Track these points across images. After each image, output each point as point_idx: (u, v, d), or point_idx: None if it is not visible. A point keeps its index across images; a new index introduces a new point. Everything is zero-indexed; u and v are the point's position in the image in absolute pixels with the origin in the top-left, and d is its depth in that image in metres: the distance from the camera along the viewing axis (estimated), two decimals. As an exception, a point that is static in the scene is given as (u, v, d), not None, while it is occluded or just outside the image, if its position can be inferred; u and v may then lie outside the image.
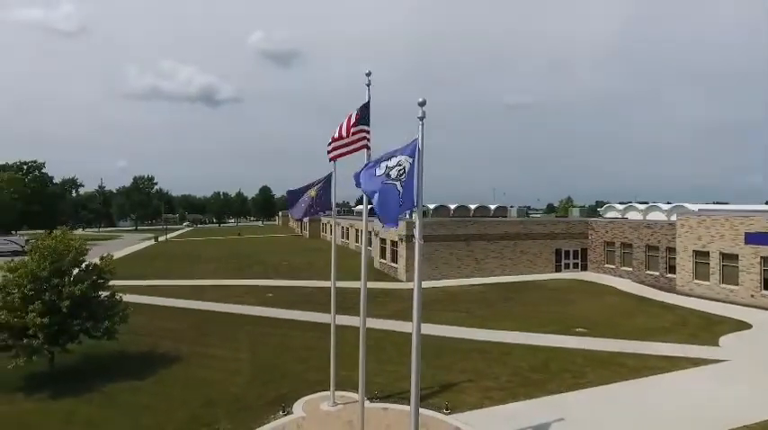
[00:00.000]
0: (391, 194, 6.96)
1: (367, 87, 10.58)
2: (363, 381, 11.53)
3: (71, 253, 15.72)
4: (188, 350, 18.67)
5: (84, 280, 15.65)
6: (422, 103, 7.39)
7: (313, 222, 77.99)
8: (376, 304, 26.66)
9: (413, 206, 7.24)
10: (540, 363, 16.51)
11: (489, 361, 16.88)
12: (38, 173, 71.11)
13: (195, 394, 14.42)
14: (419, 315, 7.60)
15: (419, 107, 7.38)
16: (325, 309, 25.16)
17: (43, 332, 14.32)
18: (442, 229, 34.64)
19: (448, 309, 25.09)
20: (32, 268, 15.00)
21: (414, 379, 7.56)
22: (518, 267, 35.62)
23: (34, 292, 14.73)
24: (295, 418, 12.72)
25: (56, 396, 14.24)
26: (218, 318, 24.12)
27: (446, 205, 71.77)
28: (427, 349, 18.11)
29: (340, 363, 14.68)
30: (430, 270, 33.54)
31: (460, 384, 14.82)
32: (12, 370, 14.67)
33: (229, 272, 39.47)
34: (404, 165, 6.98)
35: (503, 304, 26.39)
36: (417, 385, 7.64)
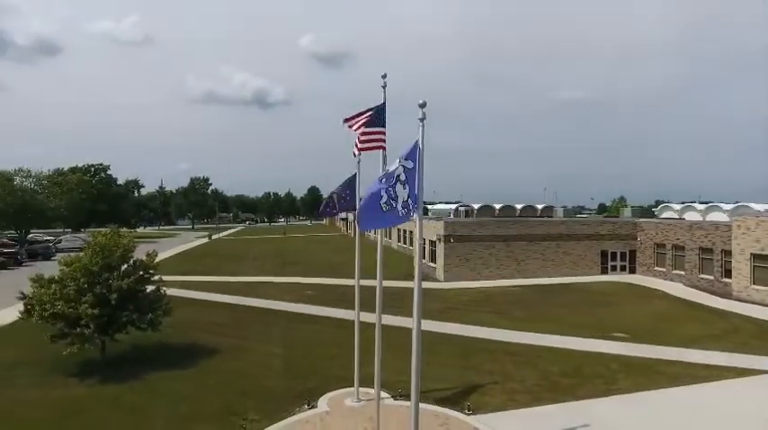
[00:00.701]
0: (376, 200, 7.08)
1: (383, 89, 10.79)
2: (379, 378, 11.77)
3: (119, 250, 16.92)
4: (227, 343, 19.57)
5: (130, 275, 16.80)
6: (422, 104, 7.52)
7: (358, 222, 79.02)
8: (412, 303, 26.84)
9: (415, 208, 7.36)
10: (572, 368, 16.10)
11: (519, 363, 16.65)
12: (103, 174, 76.54)
13: (230, 385, 15.14)
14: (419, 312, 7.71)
15: (419, 108, 7.51)
16: (362, 307, 25.68)
17: (94, 322, 15.51)
18: (481, 230, 34.28)
19: (482, 310, 24.86)
20: (85, 263, 16.28)
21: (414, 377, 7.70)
22: (561, 269, 34.65)
23: (87, 285, 15.98)
24: (319, 412, 13.12)
25: (104, 382, 15.37)
26: (258, 313, 25.09)
27: (491, 205, 70.65)
28: (456, 349, 18.26)
29: (369, 361, 15.03)
30: (467, 271, 33.32)
31: (486, 386, 14.73)
32: (66, 356, 16.03)
33: (273, 269, 40.81)
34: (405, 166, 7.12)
35: (540, 306, 25.81)
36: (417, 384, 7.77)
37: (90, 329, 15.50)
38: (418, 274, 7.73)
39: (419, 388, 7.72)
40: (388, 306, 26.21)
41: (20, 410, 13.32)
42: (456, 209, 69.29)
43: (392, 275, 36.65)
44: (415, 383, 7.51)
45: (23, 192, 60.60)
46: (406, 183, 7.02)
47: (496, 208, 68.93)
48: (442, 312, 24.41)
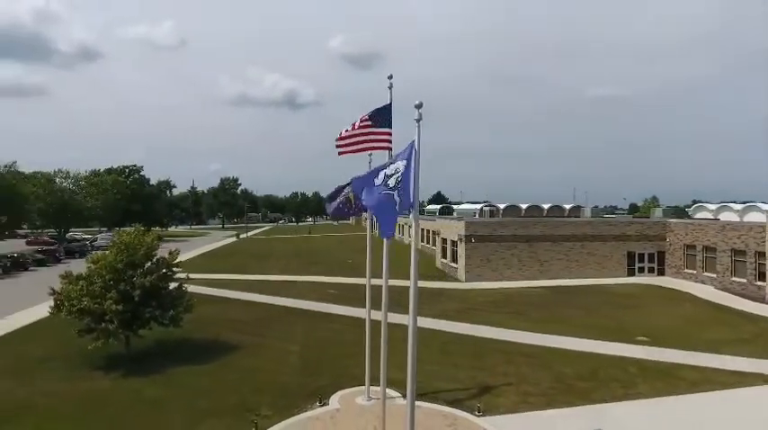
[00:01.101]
0: (389, 204, 7.20)
1: (389, 90, 10.89)
2: (384, 378, 11.84)
3: (143, 248, 17.54)
4: (248, 340, 20.02)
5: (153, 272, 17.40)
6: (418, 105, 7.58)
7: (383, 221, 79.22)
8: (430, 303, 26.82)
9: (410, 207, 7.43)
10: (588, 371, 15.82)
11: (534, 365, 16.46)
12: (137, 175, 79.24)
13: (247, 381, 15.50)
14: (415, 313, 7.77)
15: (416, 109, 7.58)
16: (379, 306, 25.83)
17: (118, 318, 16.15)
18: (503, 230, 33.90)
19: (501, 311, 24.63)
20: (110, 261, 16.96)
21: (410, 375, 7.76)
22: (585, 270, 33.93)
23: (112, 282, 16.65)
24: (330, 410, 13.31)
25: (128, 376, 15.98)
26: (279, 311, 25.55)
27: (517, 205, 69.63)
28: (470, 350, 18.18)
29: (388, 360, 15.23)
30: (489, 271, 33.03)
31: (499, 387, 14.63)
32: (93, 350, 16.72)
33: (297, 268, 41.41)
34: (400, 170, 7.21)
35: (562, 308, 25.38)
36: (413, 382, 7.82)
37: (114, 324, 16.14)
38: (414, 275, 7.80)
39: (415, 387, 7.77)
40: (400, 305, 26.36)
41: (48, 402, 13.99)
42: (481, 209, 68.55)
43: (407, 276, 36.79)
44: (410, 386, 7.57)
45: (63, 192, 63.31)
46: (400, 183, 7.12)
47: (522, 208, 67.91)
48: (460, 312, 24.31)
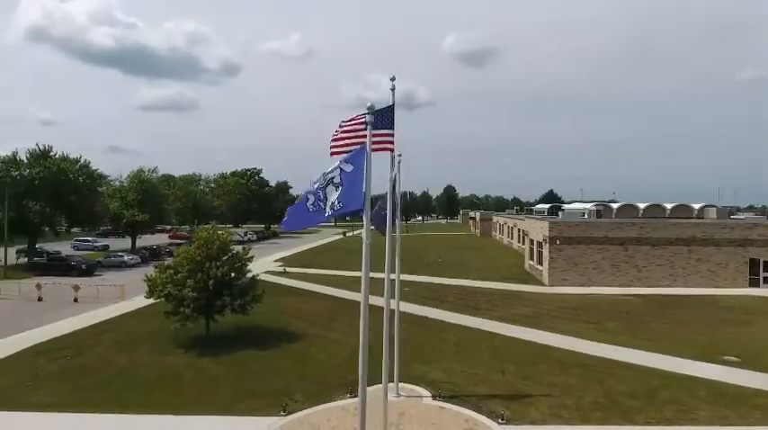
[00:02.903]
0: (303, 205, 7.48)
1: (391, 92, 11.02)
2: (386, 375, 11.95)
3: (217, 243, 19.72)
4: (312, 331, 21.37)
5: (225, 265, 19.47)
6: (370, 107, 7.84)
7: (486, 221, 77.59)
8: (503, 306, 26.01)
9: (358, 206, 7.60)
10: (646, 390, 14.27)
11: (587, 378, 15.27)
12: (257, 177, 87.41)
13: (297, 368, 16.68)
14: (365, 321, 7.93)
15: (367, 110, 7.81)
16: (451, 307, 25.80)
17: (193, 303, 18.43)
18: (593, 231, 31.31)
19: (577, 319, 22.98)
20: (191, 254, 19.37)
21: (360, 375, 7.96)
22: (693, 278, 29.95)
23: (191, 272, 19.02)
24: (355, 402, 13.76)
25: (201, 355, 18.12)
26: (350, 305, 26.63)
27: (634, 204, 63.15)
28: (525, 357, 17.43)
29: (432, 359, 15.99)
30: (576, 276, 30.84)
31: (536, 397, 13.91)
32: (180, 332, 19.26)
33: (383, 265, 42.53)
34: (342, 169, 7.45)
35: (650, 320, 22.88)
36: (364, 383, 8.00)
37: (190, 309, 18.45)
38: (365, 275, 7.97)
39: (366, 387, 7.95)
40: (470, 307, 25.91)
41: (135, 369, 16.56)
42: (591, 208, 63.65)
43: (495, 276, 35.73)
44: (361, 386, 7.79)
45: (195, 193, 72.36)
46: (340, 185, 7.36)
47: (641, 207, 61.47)
48: (531, 318, 23.21)
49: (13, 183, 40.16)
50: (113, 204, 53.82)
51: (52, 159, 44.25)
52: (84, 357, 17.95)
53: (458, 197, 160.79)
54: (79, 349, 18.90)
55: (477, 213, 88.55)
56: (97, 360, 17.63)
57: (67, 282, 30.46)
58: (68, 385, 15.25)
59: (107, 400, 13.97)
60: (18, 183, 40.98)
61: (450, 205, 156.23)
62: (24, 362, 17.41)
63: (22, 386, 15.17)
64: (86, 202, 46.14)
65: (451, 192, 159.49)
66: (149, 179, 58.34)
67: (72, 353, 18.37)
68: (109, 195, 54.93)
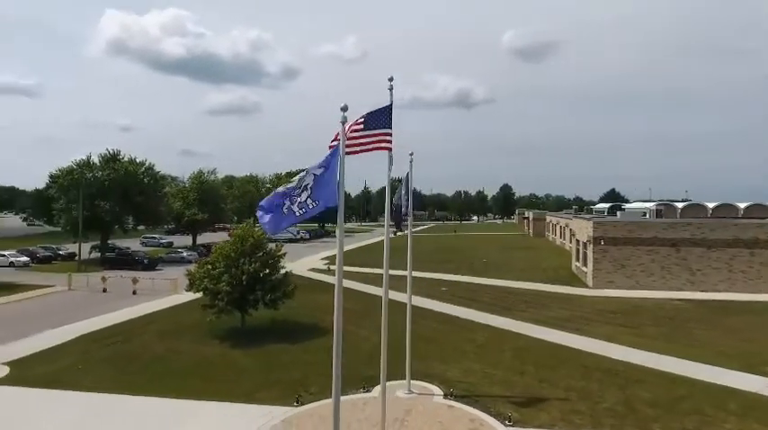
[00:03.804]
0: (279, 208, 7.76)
1: (390, 92, 11.20)
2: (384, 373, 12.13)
3: (251, 240, 20.74)
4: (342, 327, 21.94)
5: (257, 261, 20.45)
6: (343, 107, 8.11)
7: (539, 221, 75.37)
8: (540, 307, 25.35)
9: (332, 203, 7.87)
10: (670, 398, 13.55)
11: (608, 384, 14.72)
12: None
13: (318, 362, 17.18)
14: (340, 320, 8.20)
15: (341, 111, 8.08)
16: (484, 307, 25.54)
17: (227, 297, 19.54)
18: (642, 231, 29.64)
19: (615, 323, 22.01)
20: (226, 250, 20.52)
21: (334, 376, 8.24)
22: (756, 284, 27.60)
23: (226, 267, 20.16)
24: (367, 397, 14.14)
25: (234, 346, 19.16)
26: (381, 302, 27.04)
27: (702, 204, 59.00)
28: (548, 360, 17.05)
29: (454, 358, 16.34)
30: (622, 278, 29.42)
31: (549, 400, 13.62)
32: (218, 324, 20.47)
33: (425, 264, 42.42)
34: (314, 173, 7.76)
35: (693, 326, 21.49)
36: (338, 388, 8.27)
37: (224, 302, 19.58)
38: (339, 273, 8.24)
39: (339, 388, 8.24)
40: (504, 308, 25.49)
41: (173, 357, 17.83)
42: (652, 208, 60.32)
43: (538, 277, 34.74)
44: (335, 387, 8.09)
45: (252, 193, 75.67)
46: (309, 188, 7.69)
47: (709, 207, 57.35)
48: (565, 320, 22.51)
49: (86, 185, 44.03)
50: (176, 204, 57.45)
51: (120, 162, 48.05)
52: (130, 344, 19.54)
53: (514, 196, 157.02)
54: (128, 337, 20.59)
55: (531, 213, 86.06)
56: (141, 347, 19.14)
57: (131, 276, 33.00)
58: (114, 369, 16.70)
59: (144, 384, 15.19)
60: (91, 184, 44.86)
61: (506, 205, 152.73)
62: (79, 347, 19.22)
63: (74, 368, 16.81)
64: (151, 202, 49.64)
65: (508, 192, 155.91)
66: (208, 180, 61.74)
67: (121, 341, 20.06)
68: (172, 195, 58.73)
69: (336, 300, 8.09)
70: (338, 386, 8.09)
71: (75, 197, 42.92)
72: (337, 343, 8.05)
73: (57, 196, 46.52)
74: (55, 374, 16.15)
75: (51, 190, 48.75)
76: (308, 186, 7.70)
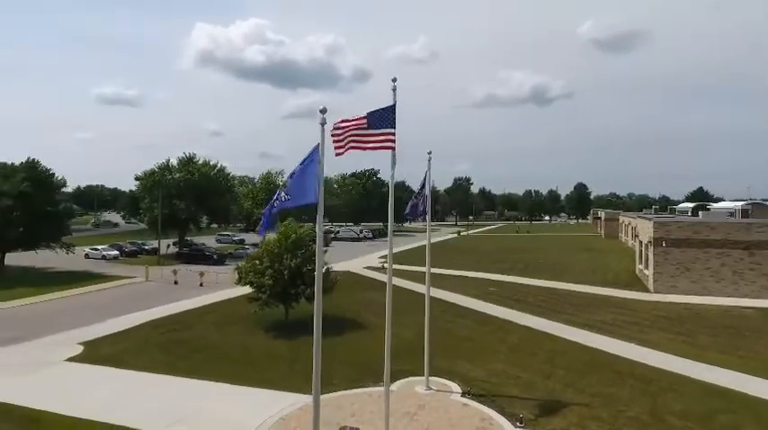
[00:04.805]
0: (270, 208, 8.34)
1: (393, 92, 11.42)
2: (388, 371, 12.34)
3: (292, 237, 21.84)
4: (376, 322, 22.42)
5: (299, 257, 21.49)
6: (323, 110, 8.51)
7: (611, 221, 71.23)
8: (589, 311, 24.29)
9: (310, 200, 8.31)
10: (704, 411, 12.62)
11: (640, 392, 13.98)
12: (374, 178, 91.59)
13: (348, 355, 17.87)
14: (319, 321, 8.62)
15: (320, 114, 8.49)
16: (529, 309, 24.95)
17: (270, 291, 20.75)
18: (710, 233, 27.23)
19: (668, 330, 20.60)
20: (271, 246, 21.78)
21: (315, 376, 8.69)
22: None
23: (270, 263, 21.39)
24: (381, 390, 14.39)
25: (276, 337, 20.29)
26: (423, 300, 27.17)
27: (766, 203, 52.86)
28: (579, 365, 16.59)
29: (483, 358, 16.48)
30: (687, 282, 27.31)
31: (570, 405, 13.22)
32: (266, 316, 21.76)
33: (481, 264, 41.91)
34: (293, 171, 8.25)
35: (757, 336, 19.57)
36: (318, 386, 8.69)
37: (266, 295, 20.82)
38: (319, 275, 8.67)
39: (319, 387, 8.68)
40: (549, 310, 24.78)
41: (221, 345, 19.27)
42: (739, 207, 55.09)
43: (597, 280, 33.07)
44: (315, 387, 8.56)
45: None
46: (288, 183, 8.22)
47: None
48: (612, 325, 21.43)
49: (166, 185, 48.21)
50: (246, 203, 61.14)
51: (195, 165, 52.01)
52: (186, 332, 21.34)
53: (590, 196, 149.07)
54: (185, 325, 22.48)
55: (603, 213, 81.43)
56: (195, 335, 20.84)
57: (202, 270, 35.75)
58: (167, 353, 18.38)
59: (189, 367, 16.62)
60: (169, 185, 49.02)
61: (580, 204, 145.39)
62: (142, 333, 21.31)
63: (133, 351, 18.76)
64: (222, 202, 53.26)
65: (583, 191, 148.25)
66: (275, 181, 65.00)
67: (178, 328, 21.97)
68: (244, 195, 62.57)
69: (316, 301, 8.55)
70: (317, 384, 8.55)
71: (156, 197, 47.13)
72: (317, 342, 8.52)
73: (141, 196, 51.35)
74: (117, 355, 18.11)
75: (137, 190, 53.86)
76: (285, 183, 8.27)
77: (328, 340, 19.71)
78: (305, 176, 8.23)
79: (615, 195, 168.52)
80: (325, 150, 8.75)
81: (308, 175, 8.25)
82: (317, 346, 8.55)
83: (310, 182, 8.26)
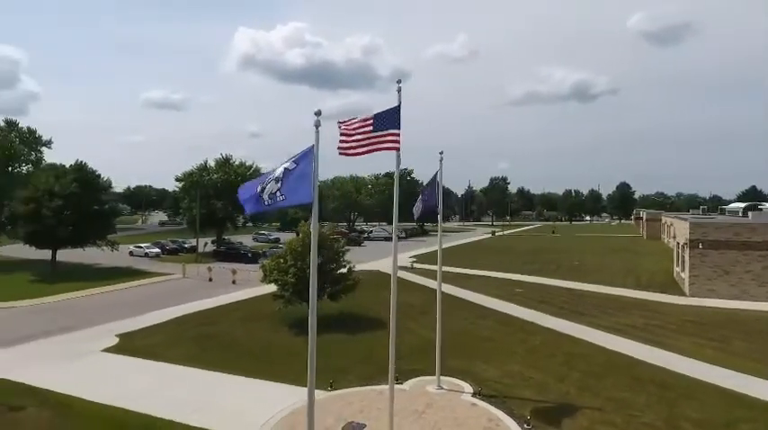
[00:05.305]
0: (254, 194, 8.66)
1: (398, 93, 11.56)
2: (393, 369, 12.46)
3: (315, 236, 22.32)
4: (398, 322, 22.55)
5: (320, 256, 21.97)
6: (317, 112, 8.76)
7: (653, 222, 68.50)
8: (615, 314, 23.69)
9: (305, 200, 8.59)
10: (724, 420, 12.16)
11: (657, 398, 13.58)
12: (408, 178, 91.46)
13: (365, 353, 18.16)
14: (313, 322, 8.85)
15: (315, 116, 8.75)
16: (554, 310, 24.54)
17: (292, 288, 21.33)
18: (751, 234, 25.81)
19: (696, 334, 19.81)
20: (294, 245, 22.37)
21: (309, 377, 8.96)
22: None
23: (293, 261, 21.99)
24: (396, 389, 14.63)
25: (298, 334, 20.80)
26: (451, 300, 27.08)
27: None
28: (596, 369, 16.37)
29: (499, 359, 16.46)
30: (727, 287, 26.06)
31: (581, 409, 13.02)
32: (289, 313, 22.37)
33: (512, 265, 41.33)
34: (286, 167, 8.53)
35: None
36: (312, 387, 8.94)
37: (289, 293, 21.41)
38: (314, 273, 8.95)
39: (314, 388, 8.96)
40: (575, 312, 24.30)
41: (246, 340, 20.00)
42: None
43: (630, 282, 32.00)
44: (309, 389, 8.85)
45: (351, 194, 79.41)
46: (281, 180, 8.51)
47: None
48: (640, 328, 20.81)
49: (204, 186, 50.09)
50: (281, 203, 62.56)
51: (231, 165, 53.76)
52: (214, 327, 22.22)
53: (633, 195, 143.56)
54: (214, 320, 23.42)
55: (644, 213, 78.30)
56: (222, 330, 21.67)
57: (237, 268, 36.96)
58: (195, 347, 19.24)
59: (214, 360, 17.33)
60: (207, 185, 50.89)
61: (623, 204, 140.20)
62: (173, 327, 22.35)
63: (164, 344, 19.73)
64: (257, 201, 54.73)
65: (626, 191, 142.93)
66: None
67: (207, 323, 22.91)
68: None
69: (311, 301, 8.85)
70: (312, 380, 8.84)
71: (195, 197, 49.05)
72: (312, 341, 8.83)
73: (181, 196, 53.53)
74: (149, 347, 19.11)
75: (177, 191, 56.18)
76: (278, 178, 8.56)
77: (347, 338, 20.26)
78: (300, 177, 8.53)
79: (662, 195, 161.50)
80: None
81: (304, 176, 8.53)
82: (311, 346, 8.85)
83: (305, 182, 8.54)
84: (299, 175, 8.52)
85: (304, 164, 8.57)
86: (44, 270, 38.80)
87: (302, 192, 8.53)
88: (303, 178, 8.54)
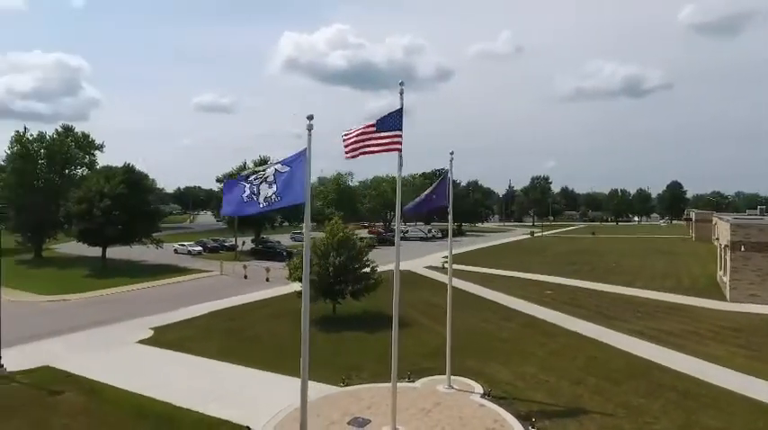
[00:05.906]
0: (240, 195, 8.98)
1: (400, 96, 11.72)
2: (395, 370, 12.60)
3: (338, 235, 22.81)
4: (421, 321, 22.81)
5: (343, 255, 22.43)
6: (309, 116, 9.10)
7: (703, 223, 65.11)
8: (648, 319, 22.92)
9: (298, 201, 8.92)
10: (746, 429, 11.62)
11: (675, 405, 13.14)
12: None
13: (381, 350, 18.09)
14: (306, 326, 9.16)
15: (307, 120, 9.08)
16: (582, 313, 24.00)
17: (315, 286, 21.88)
18: (797, 237, 24.20)
19: (730, 342, 18.90)
20: (318, 244, 22.93)
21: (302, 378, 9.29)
22: None
23: (320, 259, 22.53)
24: (406, 387, 14.80)
25: (321, 330, 21.29)
26: (475, 302, 26.98)
27: None
28: (616, 372, 15.85)
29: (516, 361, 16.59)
30: (765, 291, 24.54)
31: (593, 414, 12.79)
32: (314, 310, 22.97)
33: (546, 267, 40.45)
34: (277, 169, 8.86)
35: None
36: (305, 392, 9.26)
37: (312, 291, 21.95)
38: (306, 273, 9.29)
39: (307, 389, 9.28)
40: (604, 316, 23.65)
41: (269, 336, 20.74)
42: None
43: (670, 286, 30.70)
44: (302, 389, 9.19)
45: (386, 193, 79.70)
46: (273, 184, 8.86)
47: None
48: (671, 334, 20.05)
49: (242, 187, 51.86)
50: (317, 203, 63.85)
51: (268, 167, 55.35)
52: (241, 322, 23.13)
53: (685, 195, 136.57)
54: (243, 316, 24.34)
55: (694, 213, 74.46)
56: (249, 326, 22.51)
57: (272, 266, 38.12)
58: (222, 341, 20.12)
59: (238, 354, 18.10)
60: (245, 186, 52.65)
61: (673, 204, 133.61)
62: (204, 322, 23.41)
63: (194, 337, 20.73)
64: (294, 202, 56.22)
65: (677, 190, 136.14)
66: (345, 182, 67.17)
67: (236, 319, 23.85)
68: (314, 196, 65.47)
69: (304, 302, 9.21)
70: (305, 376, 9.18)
71: (234, 197, 50.84)
72: (304, 341, 9.17)
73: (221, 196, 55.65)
74: (180, 340, 20.14)
75: (219, 191, 58.39)
76: (268, 180, 8.94)
77: (365, 336, 20.60)
78: (294, 178, 8.90)
79: (719, 194, 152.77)
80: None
81: (298, 178, 8.91)
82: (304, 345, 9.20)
83: (299, 184, 8.91)
84: (294, 177, 8.89)
85: (296, 166, 8.93)
86: (96, 266, 41.42)
87: (295, 193, 8.90)
88: (295, 180, 8.90)
